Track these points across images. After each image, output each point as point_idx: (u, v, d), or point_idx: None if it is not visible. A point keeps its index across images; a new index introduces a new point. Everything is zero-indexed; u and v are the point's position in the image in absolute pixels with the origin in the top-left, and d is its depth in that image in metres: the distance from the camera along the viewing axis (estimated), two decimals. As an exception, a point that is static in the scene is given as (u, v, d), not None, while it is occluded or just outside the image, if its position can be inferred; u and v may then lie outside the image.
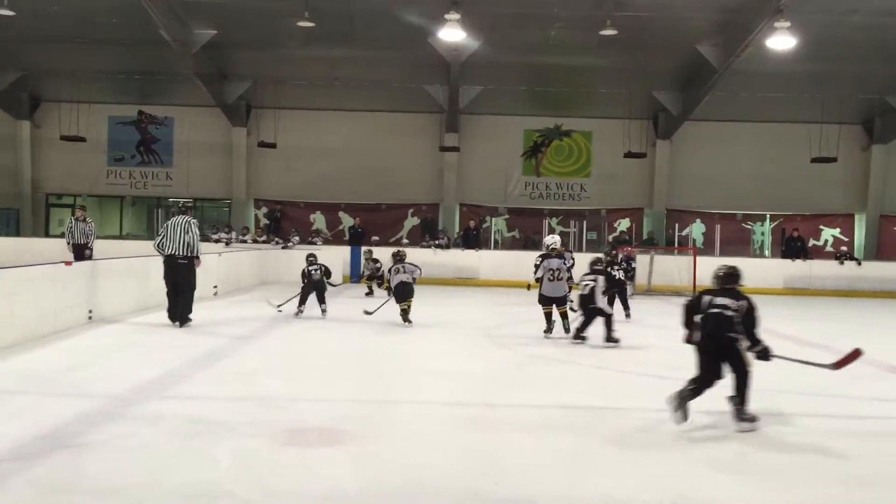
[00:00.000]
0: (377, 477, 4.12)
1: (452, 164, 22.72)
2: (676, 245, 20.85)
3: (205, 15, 17.99)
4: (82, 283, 9.57)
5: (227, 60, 20.82)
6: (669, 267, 18.37)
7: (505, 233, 23.33)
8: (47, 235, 21.93)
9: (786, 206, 22.76)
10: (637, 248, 19.33)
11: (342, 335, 9.85)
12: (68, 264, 9.66)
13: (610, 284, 9.66)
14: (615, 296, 10.59)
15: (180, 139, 23.29)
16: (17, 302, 7.98)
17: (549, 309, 9.78)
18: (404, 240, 22.46)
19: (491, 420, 5.48)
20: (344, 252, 19.08)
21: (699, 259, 18.06)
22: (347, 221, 22.75)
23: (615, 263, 11.82)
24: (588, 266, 9.70)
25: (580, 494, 3.99)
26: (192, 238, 9.88)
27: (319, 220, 23.29)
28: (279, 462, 4.31)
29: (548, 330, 9.74)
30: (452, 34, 15.93)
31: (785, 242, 20.52)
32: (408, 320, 10.50)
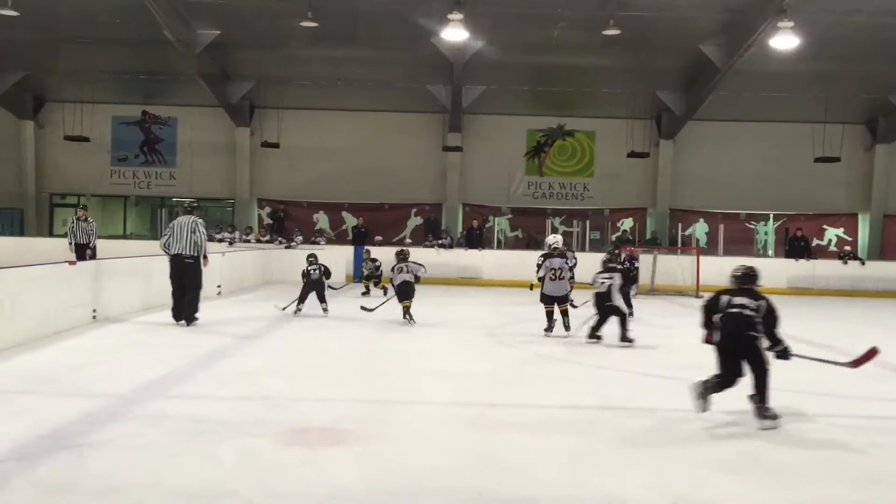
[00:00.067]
0: (380, 477, 4.12)
1: (455, 164, 22.75)
2: (679, 245, 20.81)
3: (208, 15, 18.02)
4: (86, 283, 9.59)
5: (231, 60, 20.85)
6: (672, 267, 18.34)
7: (508, 232, 23.34)
8: (51, 235, 21.99)
9: (789, 206, 22.75)
10: (640, 248, 19.31)
11: (344, 334, 9.86)
12: (72, 264, 9.70)
13: (627, 281, 9.69)
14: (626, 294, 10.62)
15: (184, 139, 23.35)
16: (21, 302, 7.98)
17: (551, 308, 9.83)
18: (407, 239, 22.48)
19: (493, 420, 5.48)
20: (347, 252, 19.09)
21: (702, 259, 18.07)
22: (351, 221, 22.79)
23: (618, 263, 11.81)
24: (602, 264, 9.68)
25: (582, 494, 3.99)
26: (200, 238, 9.91)
27: (323, 220, 23.33)
28: (282, 462, 4.32)
29: (548, 328, 9.81)
30: (455, 34, 15.94)
31: (788, 242, 20.48)
32: (410, 317, 10.57)
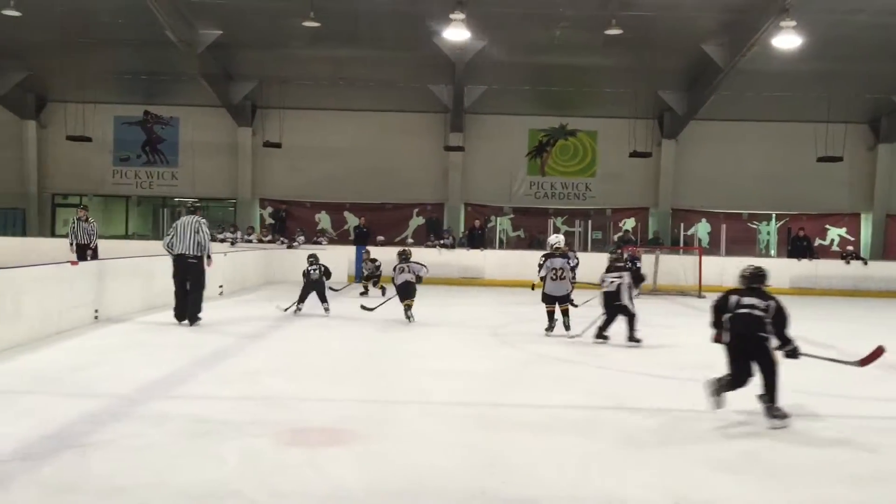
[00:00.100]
0: (382, 477, 4.13)
1: (457, 164, 22.73)
2: (682, 245, 20.80)
3: (210, 15, 18.02)
4: (88, 283, 9.60)
5: (233, 60, 20.85)
6: (675, 266, 18.33)
7: (510, 232, 23.31)
8: (53, 235, 21.98)
9: (792, 206, 22.71)
10: (642, 248, 19.29)
11: (346, 334, 9.87)
12: (74, 264, 9.72)
13: (636, 280, 9.71)
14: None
15: (186, 139, 23.35)
16: (24, 302, 8.00)
17: (552, 307, 9.89)
18: (409, 239, 22.45)
19: (495, 420, 5.48)
20: (349, 252, 19.08)
21: (704, 259, 18.05)
22: (352, 221, 22.77)
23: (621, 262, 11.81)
24: (610, 264, 9.65)
25: (584, 494, 4.00)
26: (203, 238, 9.93)
27: (325, 220, 23.32)
28: (284, 462, 4.32)
29: (549, 328, 9.88)
30: (457, 34, 15.92)
31: (791, 242, 20.45)
32: (410, 316, 10.71)
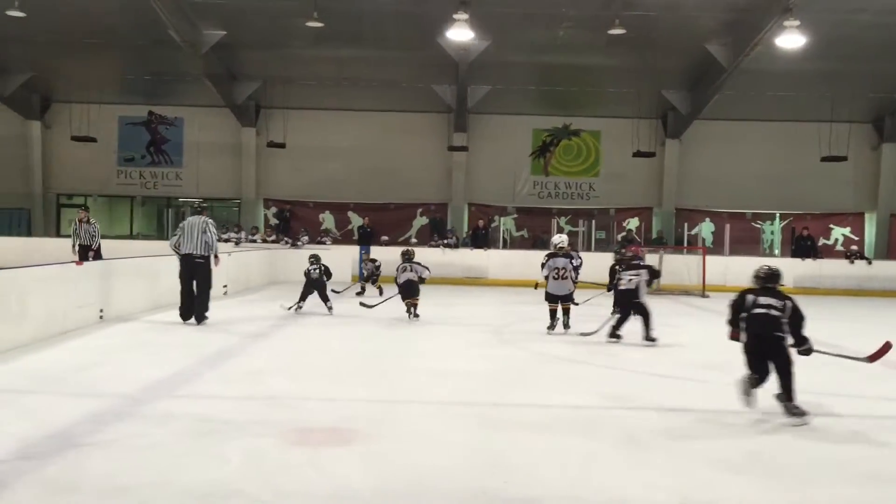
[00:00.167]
0: (385, 476, 4.13)
1: (461, 164, 22.73)
2: (686, 244, 20.78)
3: (214, 15, 18.05)
4: (93, 283, 9.63)
5: (237, 61, 20.88)
6: (679, 266, 18.31)
7: (514, 232, 23.31)
8: (58, 235, 22.01)
9: (795, 205, 22.67)
10: (646, 248, 19.28)
11: (349, 334, 9.89)
12: (79, 264, 9.75)
13: (653, 276, 9.76)
14: None
15: (190, 139, 23.40)
16: (28, 302, 8.02)
17: (554, 306, 9.98)
18: (413, 239, 22.47)
19: (498, 419, 5.49)
20: (353, 252, 19.09)
21: (708, 258, 18.05)
22: (356, 221, 22.79)
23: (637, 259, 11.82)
24: (625, 263, 9.71)
25: (587, 494, 4.00)
26: (211, 238, 10.00)
27: (328, 220, 23.35)
28: (288, 461, 4.33)
29: (550, 326, 9.99)
30: (461, 34, 15.93)
31: (795, 241, 20.42)
32: (414, 314, 10.81)
